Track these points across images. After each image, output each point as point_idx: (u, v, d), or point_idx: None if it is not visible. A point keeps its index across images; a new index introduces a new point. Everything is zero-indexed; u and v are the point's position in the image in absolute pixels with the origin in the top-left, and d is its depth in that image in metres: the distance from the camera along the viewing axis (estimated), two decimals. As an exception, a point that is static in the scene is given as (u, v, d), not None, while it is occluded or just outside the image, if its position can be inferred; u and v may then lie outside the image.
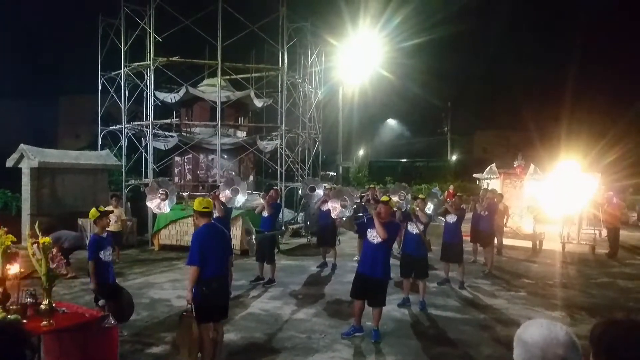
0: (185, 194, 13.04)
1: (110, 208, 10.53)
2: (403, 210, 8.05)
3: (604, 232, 14.28)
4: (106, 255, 5.86)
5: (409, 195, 10.39)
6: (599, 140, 24.27)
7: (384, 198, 6.48)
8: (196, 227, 5.28)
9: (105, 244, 5.89)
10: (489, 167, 15.86)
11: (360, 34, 20.83)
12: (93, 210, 5.95)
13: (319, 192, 11.13)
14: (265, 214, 9.43)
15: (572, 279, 10.32)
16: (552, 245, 13.72)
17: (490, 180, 15.62)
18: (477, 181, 16.71)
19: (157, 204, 8.89)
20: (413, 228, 7.66)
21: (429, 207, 8.18)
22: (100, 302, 5.73)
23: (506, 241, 13.06)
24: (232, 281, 5.61)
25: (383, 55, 23.05)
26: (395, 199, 8.80)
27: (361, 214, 7.22)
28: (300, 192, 13.93)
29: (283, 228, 13.91)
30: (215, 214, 8.09)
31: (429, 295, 8.04)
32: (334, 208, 9.59)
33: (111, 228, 10.21)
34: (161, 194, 8.84)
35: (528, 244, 13.62)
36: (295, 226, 15.05)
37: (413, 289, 7.91)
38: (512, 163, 16.33)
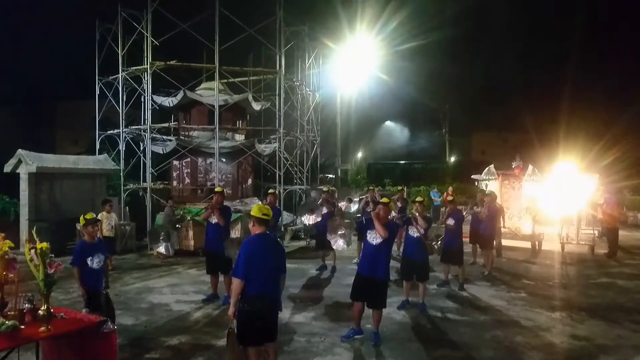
0: (181, 210, 12.96)
1: (105, 213, 10.55)
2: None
3: (601, 232, 14.34)
4: (95, 262, 5.57)
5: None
6: (597, 142, 24.34)
7: (384, 200, 6.49)
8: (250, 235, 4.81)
9: (92, 251, 5.60)
10: (487, 168, 15.86)
11: (358, 37, 20.86)
12: (81, 218, 5.84)
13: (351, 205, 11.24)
14: None
15: (571, 280, 10.32)
16: (551, 245, 13.74)
17: (489, 182, 15.63)
18: (476, 182, 16.71)
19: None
20: (414, 232, 7.62)
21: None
22: (84, 311, 5.52)
23: (505, 242, 13.07)
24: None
25: (380, 58, 23.10)
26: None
27: (360, 215, 7.24)
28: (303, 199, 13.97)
29: (283, 229, 13.84)
30: (214, 220, 8.09)
31: (429, 297, 8.03)
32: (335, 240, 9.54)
33: (106, 234, 10.20)
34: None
35: (527, 244, 13.63)
36: (294, 227, 14.94)
37: (413, 290, 7.89)
38: (510, 164, 16.34)
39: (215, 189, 8.79)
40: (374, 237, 6.08)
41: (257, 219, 4.63)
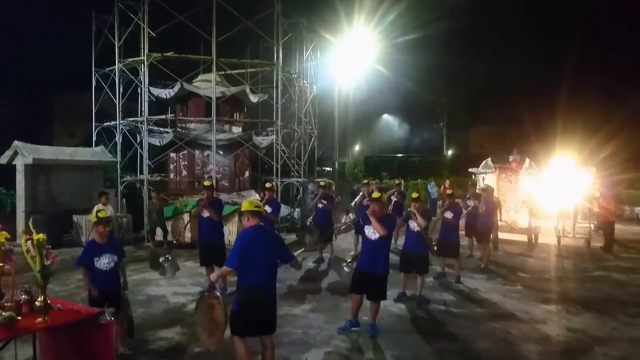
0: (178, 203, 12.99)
1: (100, 206, 10.51)
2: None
3: (597, 225, 14.40)
4: (103, 263, 5.27)
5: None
6: (594, 136, 24.37)
7: (375, 194, 6.36)
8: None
9: (100, 251, 5.29)
10: (484, 162, 15.88)
11: (356, 30, 20.76)
12: (93, 214, 5.55)
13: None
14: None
15: (567, 273, 10.38)
16: (548, 239, 13.80)
17: (486, 175, 15.65)
18: (473, 176, 16.73)
19: None
20: (414, 226, 7.57)
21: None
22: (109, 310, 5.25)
23: (502, 235, 13.11)
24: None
25: (379, 51, 22.98)
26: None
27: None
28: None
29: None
30: (205, 214, 8.10)
31: (425, 289, 8.05)
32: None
33: None
34: None
35: (524, 238, 13.69)
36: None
37: (410, 282, 7.91)
38: (507, 158, 16.37)
39: (205, 183, 8.69)
40: (372, 233, 6.05)
41: (251, 212, 4.70)
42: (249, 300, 4.47)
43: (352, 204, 12.04)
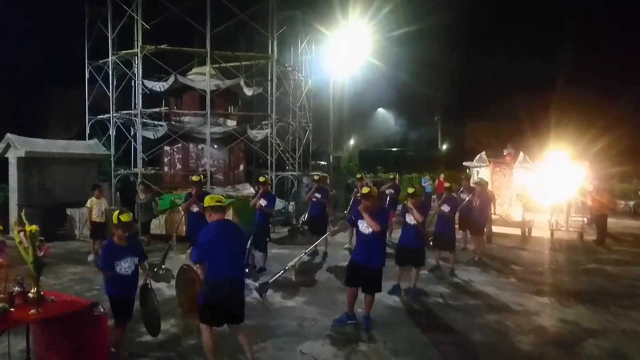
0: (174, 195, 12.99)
1: (94, 199, 10.43)
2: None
3: (590, 219, 14.50)
4: (124, 267, 4.95)
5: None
6: (588, 130, 24.51)
7: (364, 190, 6.14)
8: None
9: (120, 255, 4.96)
10: (478, 155, 15.93)
11: (351, 23, 20.68)
12: (115, 215, 5.15)
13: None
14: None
15: (560, 266, 10.44)
16: (541, 232, 13.88)
17: (480, 169, 15.70)
18: (467, 170, 16.78)
19: None
20: (411, 219, 7.56)
21: None
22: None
23: (496, 229, 13.16)
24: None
25: (374, 44, 22.93)
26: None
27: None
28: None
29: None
30: (195, 209, 8.09)
31: (419, 282, 8.07)
32: None
33: (96, 219, 10.10)
34: None
35: (517, 231, 13.76)
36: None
37: (404, 275, 7.93)
38: (502, 152, 16.44)
39: (192, 178, 8.59)
40: (366, 227, 6.02)
41: (212, 207, 4.77)
42: (216, 294, 4.56)
43: (348, 209, 11.97)
